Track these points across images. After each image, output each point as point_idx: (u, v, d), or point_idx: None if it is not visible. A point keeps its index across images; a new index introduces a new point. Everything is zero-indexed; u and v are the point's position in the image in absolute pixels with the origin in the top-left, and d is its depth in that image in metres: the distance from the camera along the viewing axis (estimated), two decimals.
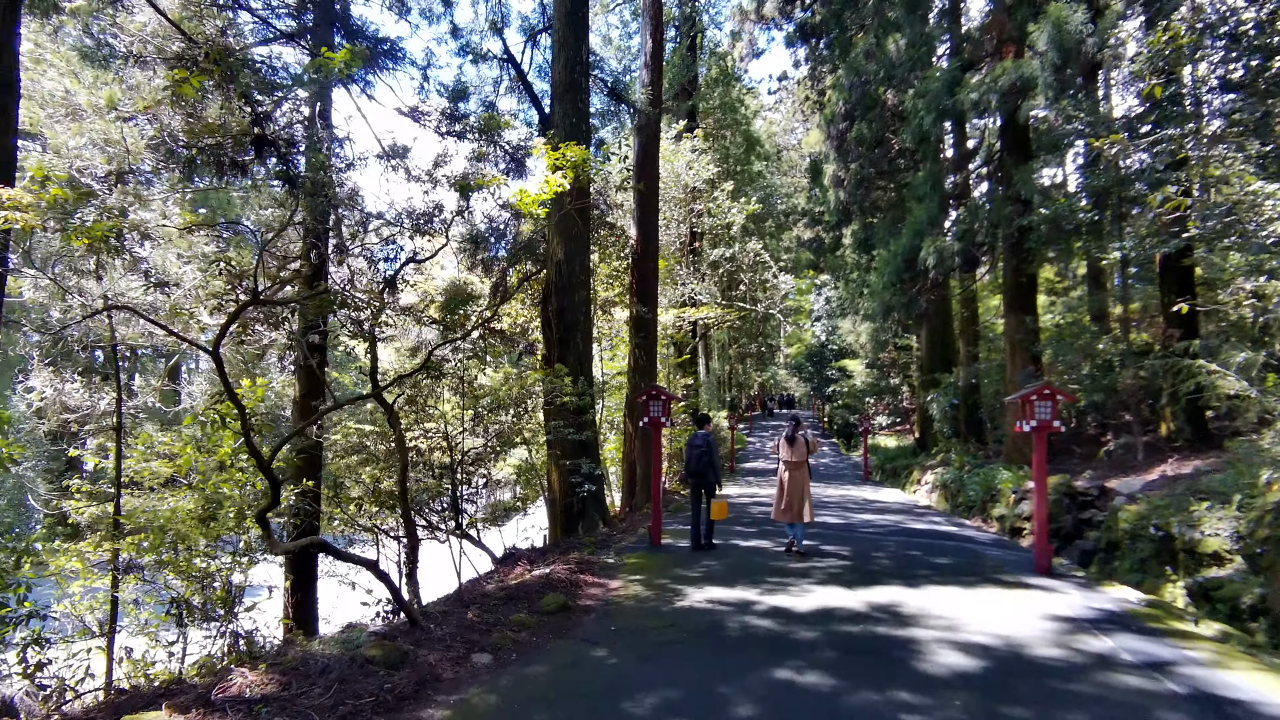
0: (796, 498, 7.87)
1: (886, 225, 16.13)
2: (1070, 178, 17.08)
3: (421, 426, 8.46)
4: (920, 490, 16.77)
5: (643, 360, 13.41)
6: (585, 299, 9.83)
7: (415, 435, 8.32)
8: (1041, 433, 7.20)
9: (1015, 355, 13.67)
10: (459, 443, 9.44)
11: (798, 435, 8.08)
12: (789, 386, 55.00)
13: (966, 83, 11.99)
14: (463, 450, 9.32)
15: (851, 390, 31.20)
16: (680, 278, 18.07)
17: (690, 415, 19.79)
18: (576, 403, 8.62)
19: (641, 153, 13.65)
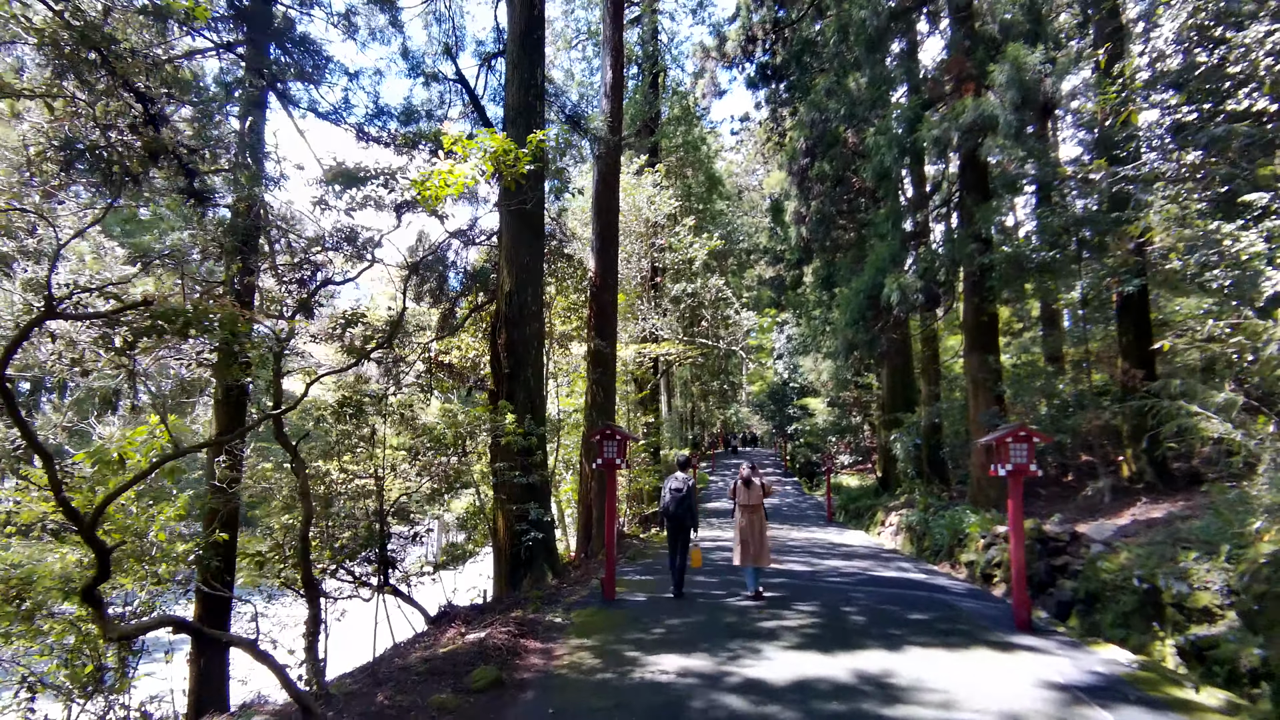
0: (754, 541, 7.79)
1: (848, 263, 16.02)
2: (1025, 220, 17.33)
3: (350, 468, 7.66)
4: (885, 532, 16.35)
5: (600, 397, 12.80)
6: (538, 331, 9.22)
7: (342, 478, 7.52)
8: (1018, 477, 6.80)
9: (978, 395, 13.47)
10: (389, 487, 8.65)
11: (753, 478, 8.01)
12: (751, 425, 54.81)
13: (927, 120, 11.96)
14: (395, 494, 8.52)
15: (813, 429, 30.99)
16: (641, 313, 17.62)
17: (651, 454, 19.18)
18: (521, 442, 7.94)
19: (601, 183, 13.27)
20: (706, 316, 18.59)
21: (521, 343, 9.00)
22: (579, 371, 13.95)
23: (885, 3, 13.38)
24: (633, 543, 13.84)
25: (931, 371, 18.24)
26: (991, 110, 11.38)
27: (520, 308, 9.03)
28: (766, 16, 17.60)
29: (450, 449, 9.97)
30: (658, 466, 19.02)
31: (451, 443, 9.64)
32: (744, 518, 7.88)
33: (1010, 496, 6.82)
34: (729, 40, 18.09)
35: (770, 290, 27.44)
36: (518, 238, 9.12)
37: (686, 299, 17.85)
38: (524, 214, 9.09)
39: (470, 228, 11.18)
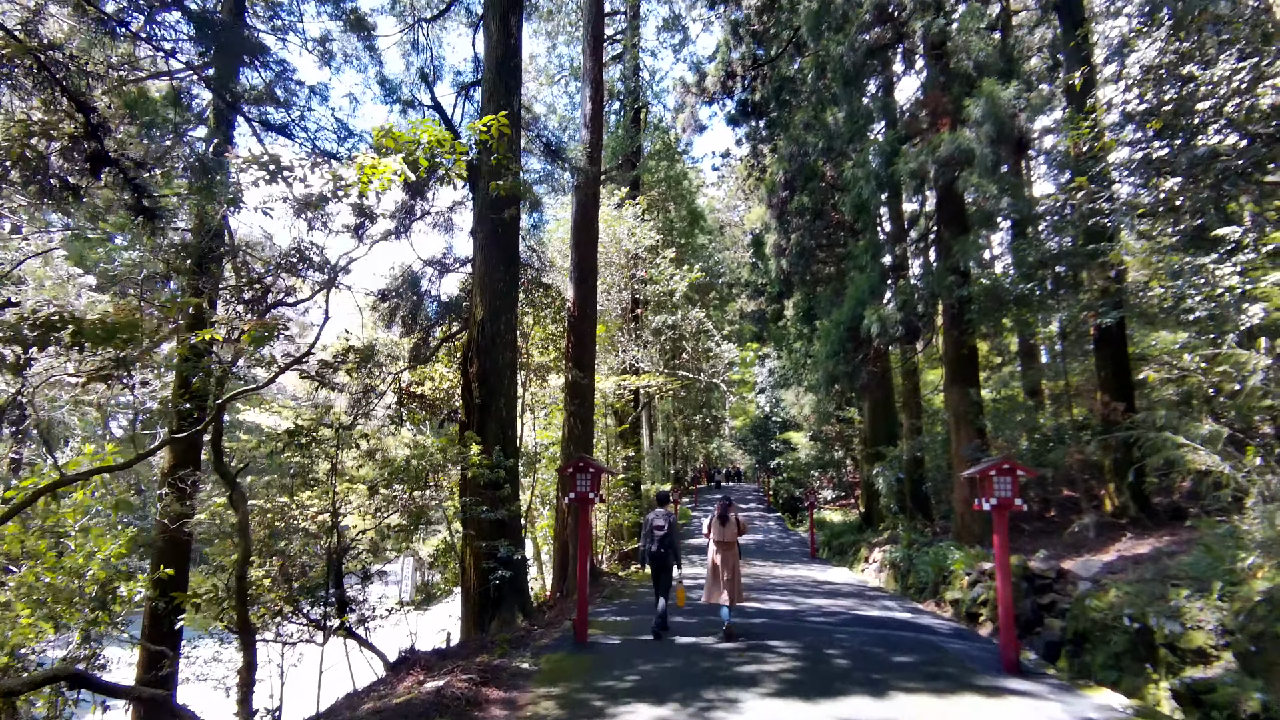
0: (729, 579, 7.74)
1: (828, 296, 16.00)
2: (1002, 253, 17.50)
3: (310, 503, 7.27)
4: (869, 569, 16.03)
5: (578, 430, 12.50)
6: (510, 361, 8.96)
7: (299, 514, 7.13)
8: (1003, 512, 6.59)
9: (960, 428, 13.34)
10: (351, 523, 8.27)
11: (729, 514, 7.95)
12: (735, 459, 54.42)
13: (904, 154, 12.04)
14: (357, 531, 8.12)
15: (796, 463, 30.74)
16: (622, 345, 17.43)
17: (631, 489, 18.79)
18: (489, 475, 7.61)
19: (580, 213, 13.18)
20: (688, 349, 18.43)
21: (494, 372, 8.73)
22: (557, 404, 13.66)
23: (862, 39, 13.60)
24: (610, 581, 13.40)
25: (913, 405, 18.16)
26: (968, 144, 11.49)
27: (493, 336, 8.78)
28: (746, 54, 17.88)
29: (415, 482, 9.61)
30: (638, 501, 18.64)
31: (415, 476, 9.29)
32: (719, 554, 7.81)
33: (995, 532, 6.60)
34: (708, 76, 18.33)
35: (752, 324, 27.44)
36: (491, 263, 8.91)
37: (667, 331, 17.71)
38: (498, 239, 8.91)
39: (444, 256, 10.99)
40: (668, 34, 24.89)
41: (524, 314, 12.36)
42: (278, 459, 6.44)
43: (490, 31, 9.39)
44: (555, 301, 12.49)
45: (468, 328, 9.29)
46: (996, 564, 6.63)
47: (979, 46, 12.27)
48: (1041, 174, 15.96)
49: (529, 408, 13.27)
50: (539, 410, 14.12)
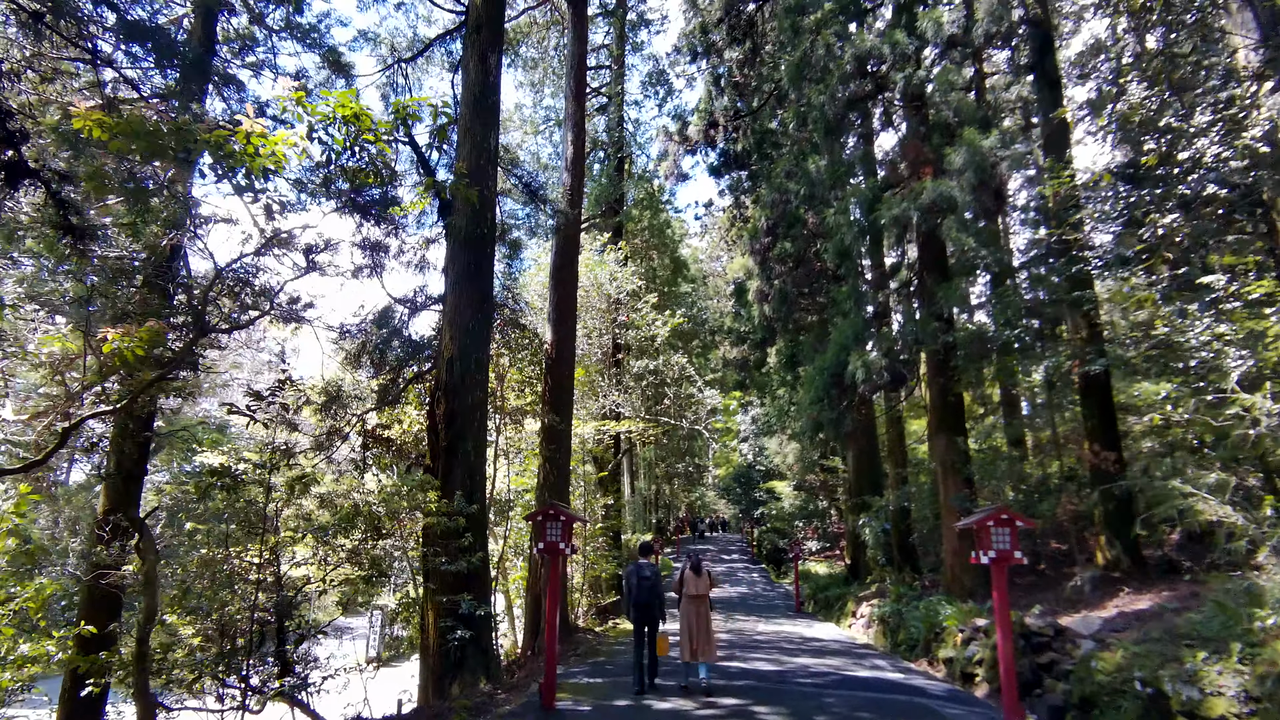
0: (701, 635, 7.63)
1: (812, 342, 15.82)
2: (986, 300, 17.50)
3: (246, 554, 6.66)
4: (856, 625, 15.39)
5: (553, 476, 11.99)
6: (480, 401, 8.53)
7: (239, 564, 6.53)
8: (1002, 565, 6.18)
9: (947, 478, 12.99)
10: (293, 575, 7.66)
11: (702, 566, 7.96)
12: (718, 508, 53.48)
13: (887, 200, 12.02)
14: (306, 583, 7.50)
15: (780, 513, 30.12)
16: (602, 389, 17.03)
17: (611, 538, 18.10)
18: (447, 524, 7.08)
19: (560, 255, 12.96)
20: (669, 395, 18.07)
21: (462, 413, 8.28)
22: (533, 449, 13.15)
23: (842, 91, 13.77)
24: (585, 638, 12.67)
25: (898, 453, 17.84)
26: (950, 191, 11.49)
27: (463, 375, 8.37)
28: (728, 105, 18.12)
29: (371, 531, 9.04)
30: (617, 552, 17.94)
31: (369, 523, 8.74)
32: (691, 608, 7.72)
33: (995, 588, 6.18)
34: (691, 125, 18.53)
35: (735, 371, 27.19)
36: (463, 299, 8.57)
37: (649, 376, 17.36)
38: (471, 275, 8.60)
39: (417, 294, 10.63)
40: (652, 88, 25.36)
41: (500, 356, 11.99)
42: (210, 502, 5.89)
43: (468, 69, 9.28)
44: (532, 343, 12.13)
45: (436, 366, 8.88)
46: (997, 622, 6.19)
47: (957, 98, 12.43)
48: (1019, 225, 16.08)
49: (503, 453, 12.75)
50: (514, 456, 13.59)
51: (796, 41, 14.92)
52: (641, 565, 7.68)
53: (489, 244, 8.94)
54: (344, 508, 8.05)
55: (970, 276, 12.84)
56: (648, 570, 7.63)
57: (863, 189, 12.56)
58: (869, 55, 13.25)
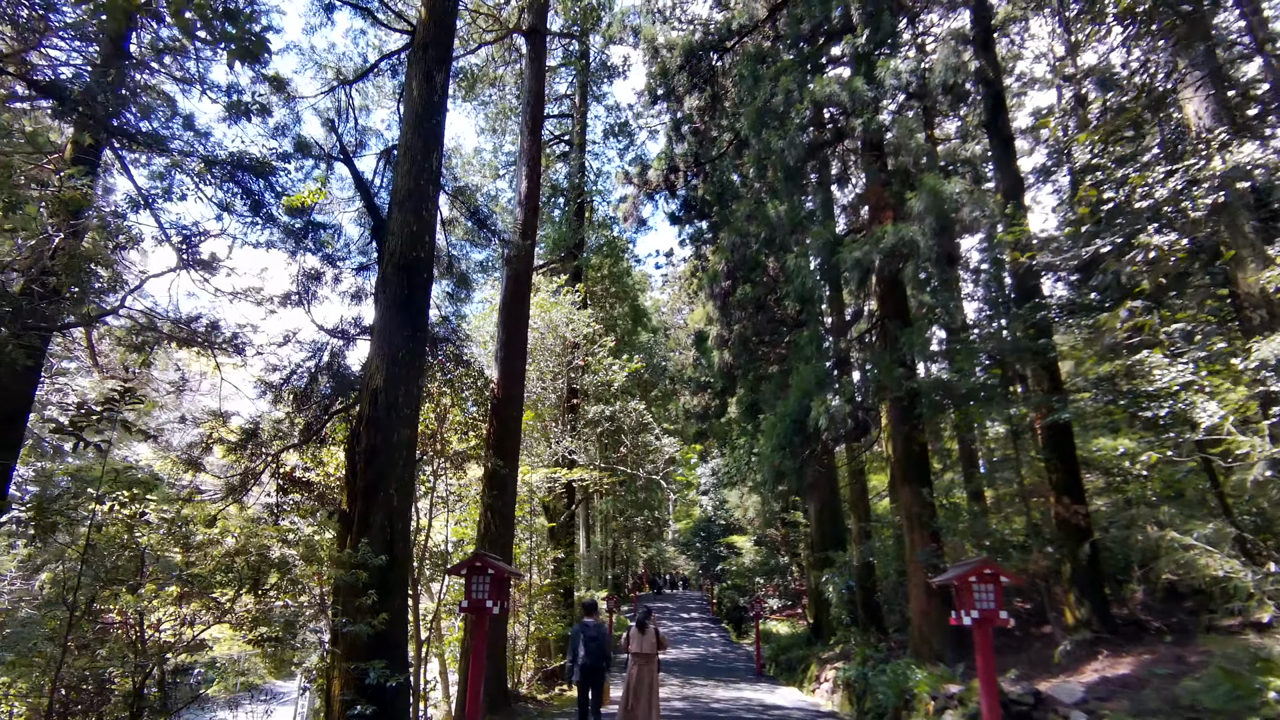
0: (645, 698, 7.41)
1: (773, 390, 15.32)
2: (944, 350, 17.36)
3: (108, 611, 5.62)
4: (820, 690, 14.45)
5: (495, 526, 11.04)
6: (408, 440, 7.68)
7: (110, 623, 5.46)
8: (985, 627, 5.52)
9: (913, 531, 12.41)
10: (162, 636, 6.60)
11: (649, 624, 7.72)
12: (678, 564, 51.97)
13: (848, 244, 11.76)
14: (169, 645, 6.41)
15: (740, 568, 29.14)
16: (555, 435, 16.18)
17: (562, 595, 16.94)
18: (345, 578, 6.15)
19: (510, 290, 12.32)
20: (626, 442, 17.29)
21: (385, 450, 7.40)
22: (477, 498, 12.17)
23: (802, 136, 13.72)
24: (528, 708, 11.49)
25: (860, 507, 17.27)
26: (912, 235, 11.29)
27: (389, 407, 7.53)
28: (688, 151, 18.02)
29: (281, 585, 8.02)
30: (569, 612, 16.76)
31: (280, 577, 7.75)
32: (637, 667, 7.51)
33: (979, 653, 5.50)
34: (651, 170, 18.34)
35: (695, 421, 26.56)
36: (392, 324, 7.80)
37: (605, 422, 16.59)
38: (403, 300, 7.87)
39: (351, 325, 9.83)
40: (613, 138, 25.41)
41: (440, 395, 11.16)
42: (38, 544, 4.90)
43: (411, 88, 8.76)
44: (477, 381, 11.33)
45: (361, 399, 8.02)
46: (981, 693, 5.48)
47: (917, 145, 12.41)
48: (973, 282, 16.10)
49: (442, 501, 11.75)
50: (456, 504, 12.57)
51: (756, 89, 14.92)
52: (588, 625, 7.54)
53: (425, 269, 8.24)
54: (215, 555, 7.04)
55: (931, 324, 12.62)
56: (593, 630, 7.50)
57: (824, 233, 12.31)
58: (829, 101, 13.23)
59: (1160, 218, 10.64)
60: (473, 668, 5.95)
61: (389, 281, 8.10)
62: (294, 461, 10.00)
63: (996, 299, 11.30)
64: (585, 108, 24.18)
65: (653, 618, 7.81)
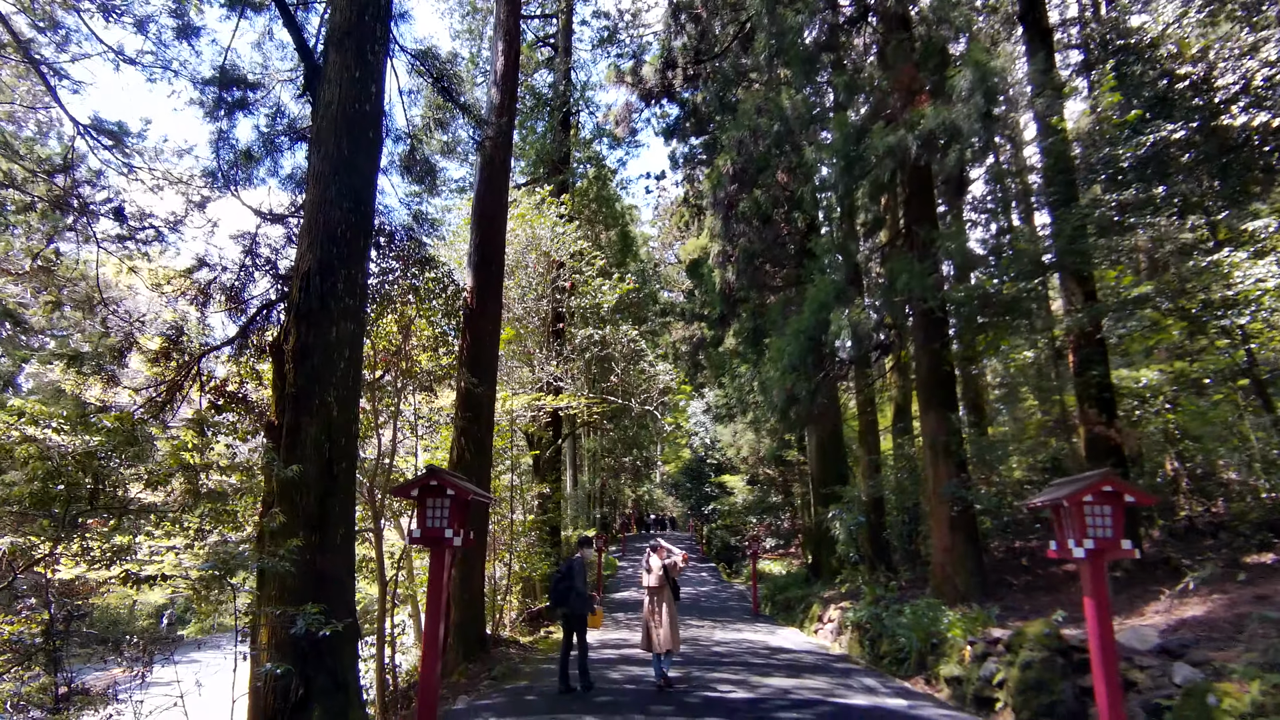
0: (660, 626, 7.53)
1: (780, 309, 13.80)
2: None
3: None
4: (824, 630, 13.49)
5: (470, 453, 9.63)
6: (352, 336, 6.12)
7: None
8: (1099, 562, 4.19)
9: (937, 462, 11.16)
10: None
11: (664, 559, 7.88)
12: (665, 506, 51.53)
13: (877, 130, 10.07)
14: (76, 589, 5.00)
15: (732, 508, 28.29)
16: (539, 360, 14.68)
17: (548, 533, 15.78)
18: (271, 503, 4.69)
19: (485, 185, 10.59)
20: (617, 371, 15.84)
21: (321, 348, 5.86)
22: (451, 424, 10.72)
23: (824, 14, 11.85)
24: (509, 653, 10.34)
25: (870, 440, 16.07)
26: (954, 118, 9.64)
27: (325, 295, 5.95)
28: (687, 44, 16.02)
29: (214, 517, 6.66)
30: (555, 550, 15.62)
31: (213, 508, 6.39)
32: (651, 598, 7.65)
33: (1088, 594, 4.17)
34: (646, 65, 16.33)
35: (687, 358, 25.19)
36: (329, 194, 6.16)
37: (594, 348, 15.09)
38: (342, 164, 6.21)
39: (289, 209, 8.13)
40: (601, 48, 23.11)
41: (404, 304, 9.55)
42: None
43: None
44: (447, 289, 9.72)
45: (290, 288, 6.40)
46: (1093, 651, 4.17)
47: (960, 15, 10.63)
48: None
49: (410, 426, 10.30)
50: (426, 432, 11.13)
51: None
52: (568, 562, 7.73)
53: (370, 125, 6.53)
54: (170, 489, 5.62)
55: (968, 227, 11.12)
56: (563, 568, 7.71)
57: (848, 121, 10.59)
58: None
59: (1251, 93, 9.07)
60: (429, 615, 4.57)
61: (323, 140, 6.40)
62: (229, 374, 8.45)
63: (1052, 193, 9.74)
64: (571, 9, 21.83)
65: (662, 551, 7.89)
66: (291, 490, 5.61)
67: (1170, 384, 11.97)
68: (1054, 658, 6.77)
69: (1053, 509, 4.48)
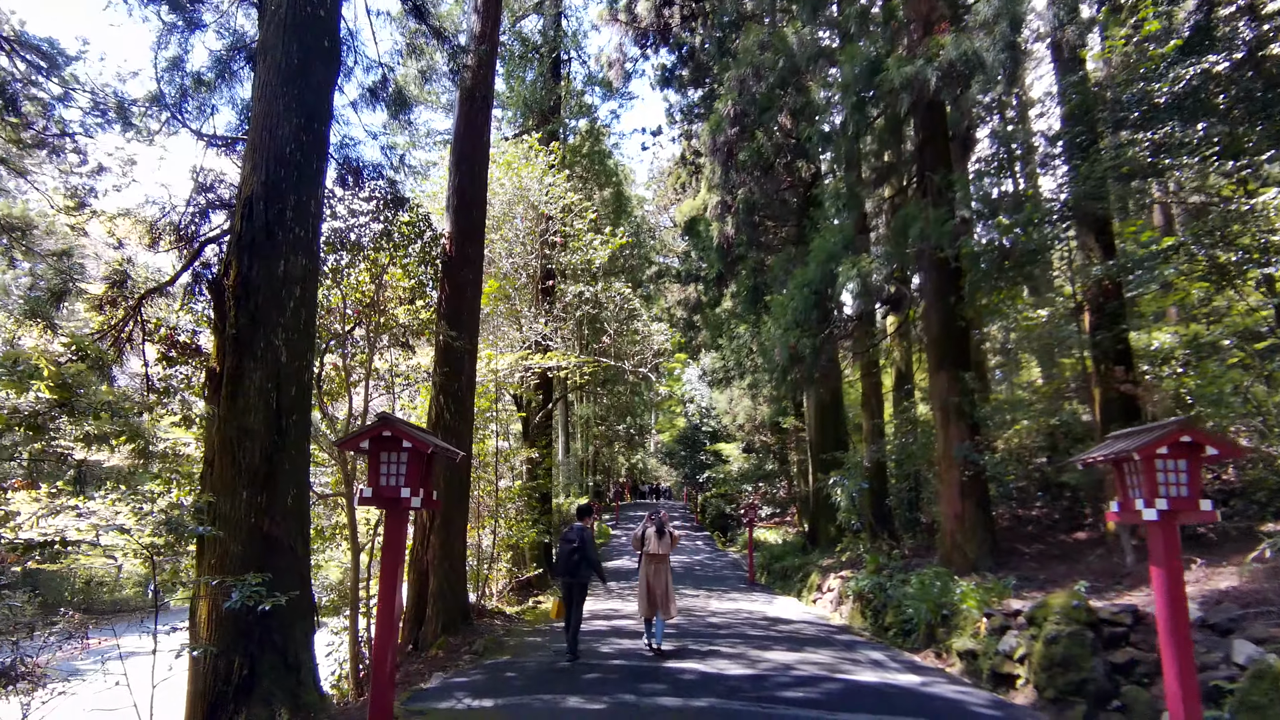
0: (661, 592, 7.74)
1: (783, 263, 13.05)
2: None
3: None
4: (823, 600, 13.01)
5: (449, 413, 8.93)
6: (304, 272, 5.37)
7: None
8: (1171, 525, 3.54)
9: (948, 424, 10.55)
10: None
11: (665, 528, 8.07)
12: (660, 476, 51.25)
13: (896, 59, 9.22)
14: None
15: (727, 476, 27.83)
16: (527, 318, 13.93)
17: (538, 500, 15.17)
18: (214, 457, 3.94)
19: (464, 120, 9.72)
20: (609, 331, 15.10)
21: (267, 284, 5.10)
22: (429, 384, 10.00)
23: None
24: (494, 624, 9.78)
25: (873, 403, 15.45)
26: (977, 49, 8.81)
27: (272, 224, 5.17)
28: None
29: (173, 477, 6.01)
30: (546, 517, 15.04)
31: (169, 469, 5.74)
32: (651, 567, 7.81)
33: (1157, 564, 3.52)
34: (641, 1, 15.27)
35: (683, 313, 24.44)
36: (276, 104, 5.35)
37: (584, 306, 14.33)
38: (292, 74, 5.39)
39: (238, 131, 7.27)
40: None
41: (375, 249, 8.77)
42: None
43: None
44: (423, 235, 8.92)
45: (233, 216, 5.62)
46: (1162, 631, 3.54)
47: None
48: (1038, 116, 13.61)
49: (385, 384, 9.58)
50: (403, 391, 10.43)
51: None
52: (572, 529, 7.56)
53: (326, 33, 5.68)
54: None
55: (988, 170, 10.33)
56: (572, 534, 7.46)
57: (861, 52, 9.71)
58: None
59: None
60: (382, 588, 3.90)
61: (270, 48, 5.56)
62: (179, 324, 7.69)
63: (1075, 134, 8.94)
64: None
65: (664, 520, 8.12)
66: (233, 445, 4.90)
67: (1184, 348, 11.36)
68: (1082, 632, 6.20)
69: (1114, 464, 3.81)
